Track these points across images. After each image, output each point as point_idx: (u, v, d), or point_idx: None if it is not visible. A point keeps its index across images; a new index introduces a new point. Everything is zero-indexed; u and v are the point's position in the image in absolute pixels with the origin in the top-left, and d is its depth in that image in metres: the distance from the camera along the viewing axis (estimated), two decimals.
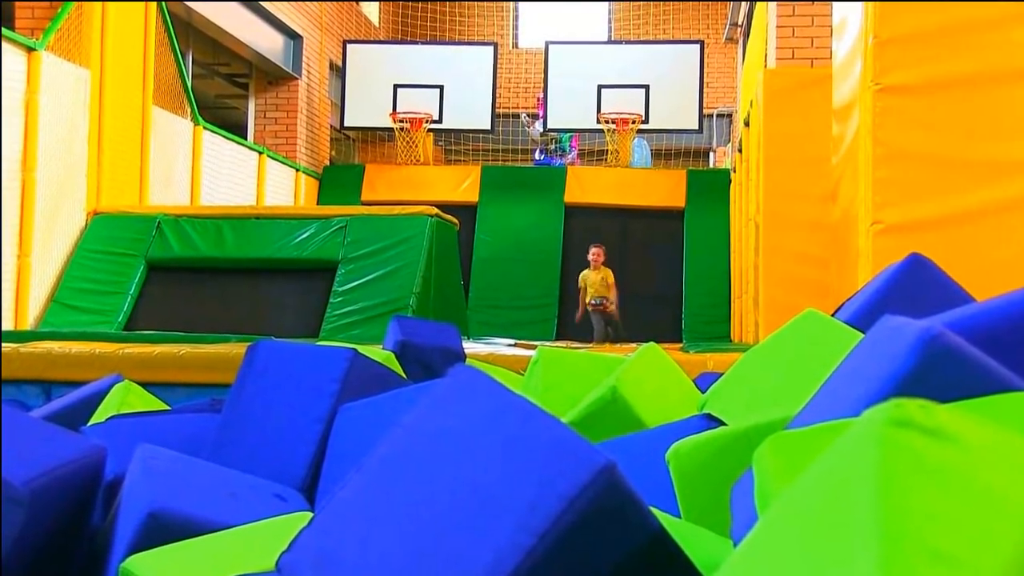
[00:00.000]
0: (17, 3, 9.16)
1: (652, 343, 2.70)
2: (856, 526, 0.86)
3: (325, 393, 2.30)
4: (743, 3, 14.48)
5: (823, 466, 0.99)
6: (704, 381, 2.82)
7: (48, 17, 8.86)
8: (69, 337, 5.43)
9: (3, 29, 8.00)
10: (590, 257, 12.60)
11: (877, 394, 1.42)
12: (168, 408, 2.90)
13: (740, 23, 15.27)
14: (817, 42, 8.86)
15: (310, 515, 1.96)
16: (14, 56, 8.13)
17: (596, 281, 12.69)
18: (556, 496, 1.18)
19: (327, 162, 15.89)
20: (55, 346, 4.80)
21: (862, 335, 1.91)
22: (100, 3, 9.18)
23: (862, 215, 4.32)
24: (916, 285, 2.47)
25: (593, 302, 12.55)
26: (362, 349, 2.63)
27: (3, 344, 4.84)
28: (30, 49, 8.28)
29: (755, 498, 1.27)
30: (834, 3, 5.40)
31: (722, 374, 2.68)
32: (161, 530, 1.79)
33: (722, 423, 2.12)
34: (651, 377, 2.54)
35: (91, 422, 2.77)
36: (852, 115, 4.60)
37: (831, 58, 8.33)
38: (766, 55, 9.66)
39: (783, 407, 1.95)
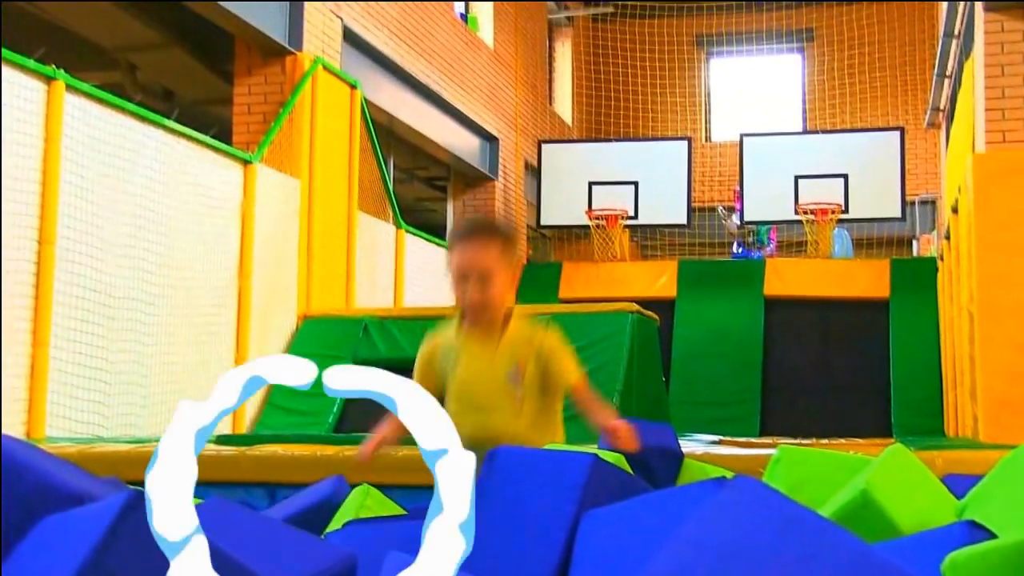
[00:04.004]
0: (235, 120, 9.64)
1: (899, 444, 2.58)
2: None
3: (568, 499, 2.26)
4: (945, 88, 14.13)
5: None
6: (954, 483, 2.67)
7: (262, 131, 9.29)
8: (289, 440, 5.57)
9: (220, 144, 8.42)
10: None
11: None
12: (405, 512, 2.90)
13: (942, 108, 14.88)
14: None
15: None
16: (232, 169, 8.54)
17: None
18: None
19: (524, 261, 16.08)
20: (278, 449, 4.91)
21: None
22: (309, 116, 9.58)
23: None
24: None
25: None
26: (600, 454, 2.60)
27: (230, 447, 4.99)
28: (246, 162, 8.68)
29: None
30: None
31: (973, 476, 2.55)
32: None
33: (989, 531, 2.00)
34: (901, 479, 2.42)
35: (330, 527, 2.80)
36: None
37: None
38: (974, 139, 9.36)
39: None
